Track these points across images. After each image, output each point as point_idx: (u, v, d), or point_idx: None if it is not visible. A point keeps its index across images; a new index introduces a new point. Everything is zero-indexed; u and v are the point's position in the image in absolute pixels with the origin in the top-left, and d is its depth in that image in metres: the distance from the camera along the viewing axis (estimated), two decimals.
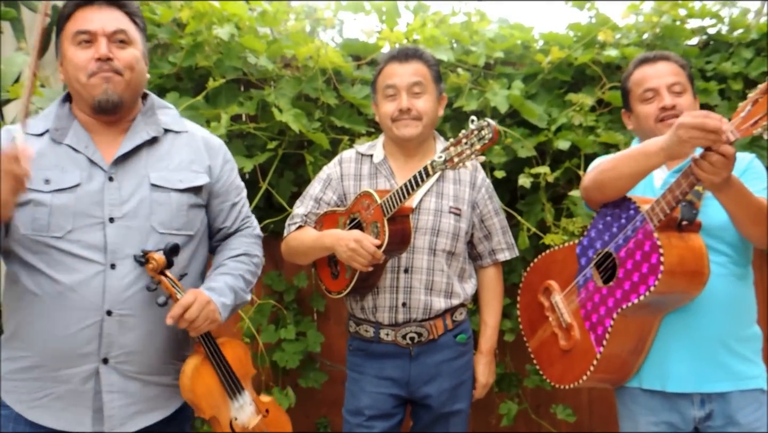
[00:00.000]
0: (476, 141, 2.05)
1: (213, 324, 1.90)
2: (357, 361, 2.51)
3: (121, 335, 1.84)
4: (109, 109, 1.88)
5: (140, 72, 1.94)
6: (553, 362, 2.31)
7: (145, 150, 1.95)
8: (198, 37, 3.09)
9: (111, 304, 1.83)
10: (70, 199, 1.84)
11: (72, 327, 1.82)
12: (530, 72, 3.27)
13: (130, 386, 1.88)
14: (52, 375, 1.84)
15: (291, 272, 3.36)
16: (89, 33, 1.86)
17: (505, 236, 2.55)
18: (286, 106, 3.06)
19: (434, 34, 3.23)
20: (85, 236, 1.83)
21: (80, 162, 1.88)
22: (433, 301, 2.42)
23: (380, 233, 2.24)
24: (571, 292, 2.27)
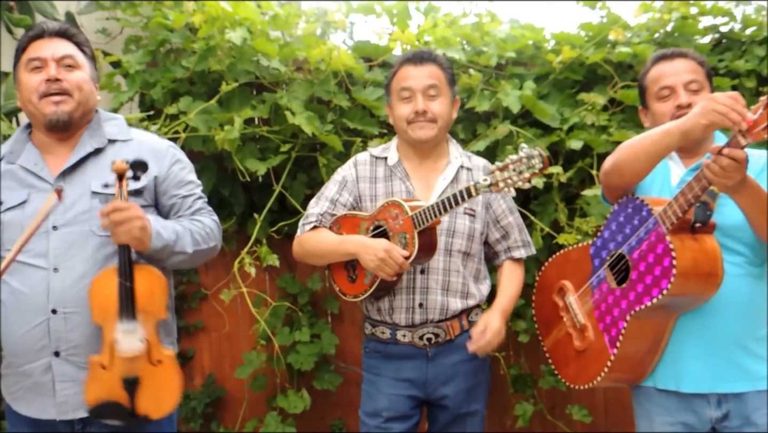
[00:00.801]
0: (525, 169, 2.10)
1: (134, 241, 1.97)
2: (373, 363, 2.51)
3: (67, 330, 2.03)
4: (60, 127, 2.08)
5: (89, 92, 2.13)
6: (568, 362, 2.31)
7: (90, 161, 2.12)
8: (210, 42, 3.10)
9: (55, 303, 2.02)
10: (17, 214, 2.05)
11: (25, 326, 2.03)
12: (542, 72, 3.27)
13: (82, 375, 2.03)
14: (19, 370, 2.06)
15: (305, 274, 3.38)
16: (40, 59, 2.08)
17: (521, 234, 2.55)
18: (299, 109, 3.07)
19: (445, 35, 3.23)
20: (32, 245, 1.99)
21: (27, 180, 2.09)
22: (450, 301, 2.43)
23: (409, 245, 2.27)
24: (585, 292, 2.27)
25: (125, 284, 1.99)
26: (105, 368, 2.00)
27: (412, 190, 2.46)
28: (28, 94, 2.09)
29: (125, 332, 1.99)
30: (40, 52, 2.10)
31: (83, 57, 2.17)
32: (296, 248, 2.53)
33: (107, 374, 2.00)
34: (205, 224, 2.20)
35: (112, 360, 1.99)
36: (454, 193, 2.21)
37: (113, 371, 2.00)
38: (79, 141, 2.15)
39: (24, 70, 2.11)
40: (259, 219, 3.12)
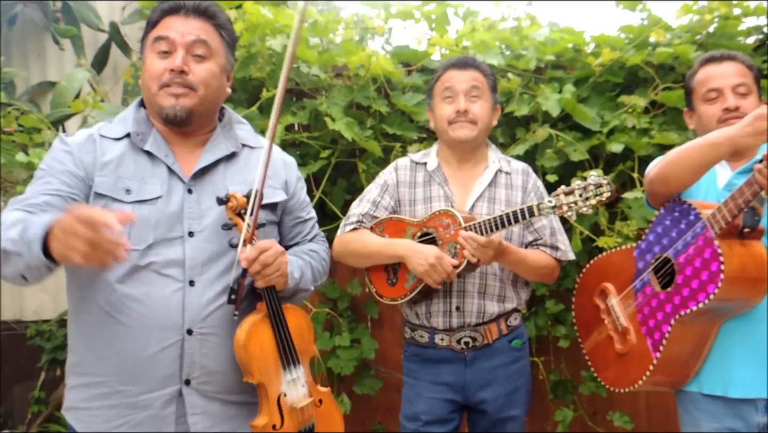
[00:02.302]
0: (592, 196, 2.12)
1: (282, 279, 1.79)
2: (413, 366, 2.52)
3: (202, 354, 1.75)
4: (177, 122, 1.81)
5: (217, 88, 1.85)
6: (608, 365, 2.30)
7: (222, 164, 1.87)
8: (251, 49, 3.15)
9: (191, 322, 1.73)
10: (151, 211, 1.74)
11: (152, 348, 1.71)
12: (582, 75, 3.25)
13: (212, 406, 1.78)
14: (131, 401, 1.73)
15: (344, 279, 3.39)
16: (167, 40, 1.79)
17: (552, 237, 2.50)
18: (339, 115, 3.10)
19: (484, 39, 3.23)
20: (165, 250, 1.73)
21: (160, 172, 1.80)
22: (487, 305, 2.43)
23: (459, 255, 2.28)
24: (628, 295, 2.25)
25: (283, 330, 1.79)
26: (277, 428, 1.77)
27: (451, 195, 2.47)
28: (148, 80, 1.81)
29: (291, 381, 1.82)
30: (170, 31, 1.79)
31: (220, 42, 1.86)
32: (337, 247, 2.53)
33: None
34: (321, 256, 2.06)
35: (282, 417, 1.78)
36: (515, 211, 2.22)
37: (288, 428, 1.78)
38: (212, 139, 1.88)
39: (150, 50, 1.83)
40: None
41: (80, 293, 1.76)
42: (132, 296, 1.71)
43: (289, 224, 2.01)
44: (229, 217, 1.75)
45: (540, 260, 2.44)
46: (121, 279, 1.71)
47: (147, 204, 1.75)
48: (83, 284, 1.75)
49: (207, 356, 1.75)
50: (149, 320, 1.71)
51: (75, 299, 1.80)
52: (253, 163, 1.90)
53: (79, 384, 1.78)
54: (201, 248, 1.77)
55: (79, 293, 1.77)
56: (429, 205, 2.47)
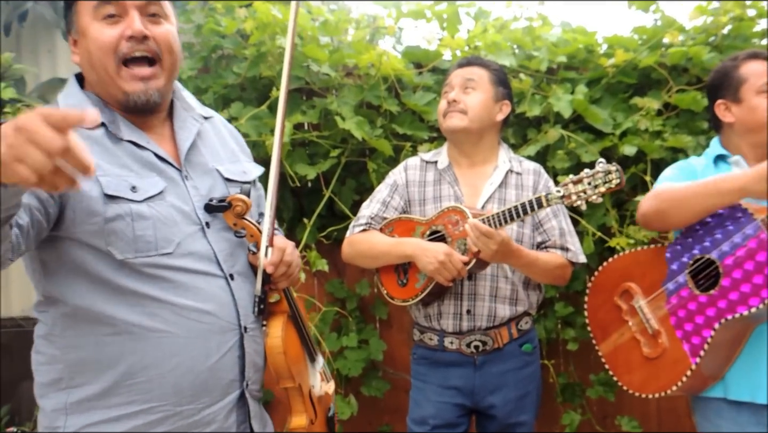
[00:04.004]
0: (601, 184, 2.08)
1: (299, 273, 1.72)
2: (421, 369, 2.49)
3: (255, 353, 1.60)
4: (147, 110, 1.55)
5: (178, 54, 1.58)
6: (633, 368, 2.22)
7: (198, 140, 1.66)
8: (261, 48, 3.12)
9: (244, 319, 1.58)
10: (163, 206, 1.51)
11: (213, 355, 1.52)
12: (594, 76, 3.20)
13: (256, 407, 1.66)
14: (190, 421, 1.51)
15: (353, 279, 3.36)
16: (116, 5, 1.48)
17: (561, 238, 2.45)
18: (349, 114, 3.07)
19: (496, 40, 3.19)
20: (193, 245, 1.53)
21: (149, 162, 1.54)
22: (498, 308, 2.39)
23: (469, 252, 2.25)
24: (659, 297, 2.17)
25: (304, 326, 1.74)
26: (314, 422, 1.73)
27: (460, 195, 2.44)
28: (101, 56, 1.47)
29: (315, 372, 1.80)
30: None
31: (168, 3, 1.57)
32: (347, 249, 2.51)
33: (317, 427, 1.74)
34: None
35: (315, 410, 1.75)
36: (523, 202, 2.18)
37: (319, 419, 1.76)
38: (177, 116, 1.64)
39: (90, 17, 1.48)
40: (309, 224, 3.12)
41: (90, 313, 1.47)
42: (181, 304, 1.50)
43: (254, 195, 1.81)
44: (234, 222, 1.61)
45: (551, 261, 2.39)
46: (159, 288, 1.48)
47: (157, 200, 1.51)
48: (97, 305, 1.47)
49: (257, 354, 1.62)
50: (207, 325, 1.51)
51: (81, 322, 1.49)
52: (217, 135, 1.72)
53: (106, 419, 1.48)
54: (221, 237, 1.59)
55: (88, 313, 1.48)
56: (439, 204, 2.44)
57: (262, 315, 1.63)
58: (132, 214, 1.46)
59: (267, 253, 1.62)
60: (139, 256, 1.46)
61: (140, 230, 1.46)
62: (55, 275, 1.48)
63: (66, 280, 1.48)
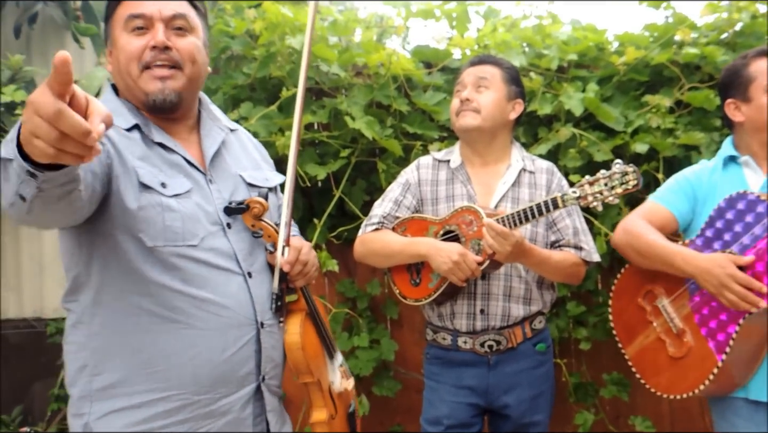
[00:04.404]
0: (618, 185, 2.06)
1: (316, 273, 1.79)
2: (435, 369, 2.47)
3: (272, 348, 1.67)
4: (166, 109, 1.63)
5: (202, 64, 1.68)
6: (660, 370, 2.19)
7: (223, 148, 1.76)
8: (271, 48, 3.11)
9: (261, 314, 1.65)
10: (189, 204, 1.60)
11: (230, 348, 1.59)
12: (605, 74, 3.18)
13: (274, 402, 1.72)
14: (207, 410, 1.58)
15: (364, 279, 3.34)
16: (144, 17, 1.60)
17: (575, 237, 2.43)
18: (359, 114, 3.05)
19: (505, 38, 3.17)
20: (215, 243, 1.61)
21: (178, 164, 1.64)
22: (512, 308, 2.37)
23: (483, 252, 2.23)
24: (682, 296, 2.15)
25: (322, 323, 1.79)
26: (334, 417, 1.77)
27: (473, 194, 2.42)
28: (126, 62, 1.60)
29: (334, 368, 1.83)
30: (144, 7, 1.60)
31: (196, 16, 1.68)
32: (359, 248, 2.50)
33: (337, 423, 1.78)
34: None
35: (335, 405, 1.79)
36: (538, 203, 2.16)
37: (340, 414, 1.80)
38: (203, 124, 1.75)
39: (121, 29, 1.62)
40: (319, 224, 3.10)
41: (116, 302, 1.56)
42: (201, 297, 1.57)
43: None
44: (252, 224, 1.68)
45: (565, 260, 2.37)
46: (181, 279, 1.56)
47: (183, 198, 1.60)
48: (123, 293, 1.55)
49: (275, 349, 1.69)
50: (225, 319, 1.59)
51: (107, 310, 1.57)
52: (240, 146, 1.84)
53: (128, 406, 1.55)
54: (241, 238, 1.67)
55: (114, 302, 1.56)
56: (452, 203, 2.43)
57: (279, 312, 1.70)
58: (162, 206, 1.55)
59: (284, 252, 1.69)
60: (167, 245, 1.55)
61: (169, 220, 1.56)
62: (89, 258, 1.56)
63: (97, 264, 1.56)
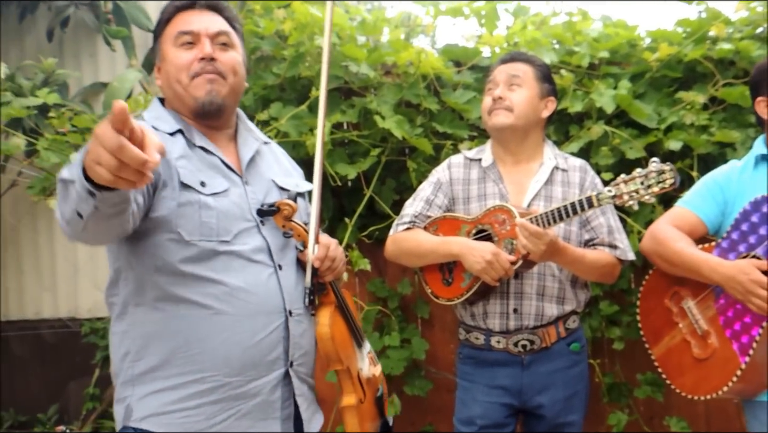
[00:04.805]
0: (654, 183, 2.03)
1: (344, 268, 1.90)
2: (468, 369, 2.45)
3: (300, 336, 1.78)
4: (212, 112, 1.78)
5: (242, 77, 1.86)
6: (685, 371, 2.17)
7: (257, 157, 1.89)
8: (300, 48, 3.12)
9: (290, 304, 1.75)
10: (226, 203, 1.72)
11: (259, 333, 1.69)
12: (637, 71, 3.14)
13: (304, 389, 1.81)
14: (238, 392, 1.68)
15: (394, 278, 3.34)
16: (192, 34, 1.78)
17: (610, 236, 2.40)
18: (388, 113, 3.05)
19: (535, 36, 3.15)
20: (249, 239, 1.73)
21: (217, 166, 1.77)
22: (545, 307, 2.35)
23: (516, 251, 2.22)
24: (707, 297, 2.13)
25: (350, 314, 1.90)
26: (363, 402, 1.87)
27: (506, 193, 2.40)
28: (176, 73, 1.77)
29: (363, 356, 1.94)
30: (192, 25, 1.78)
31: (236, 36, 1.86)
32: (390, 247, 2.49)
33: (366, 406, 1.88)
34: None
35: (363, 390, 1.89)
36: (572, 202, 2.13)
37: (368, 399, 1.90)
38: (240, 134, 1.90)
39: (171, 45, 1.79)
40: (350, 224, 3.09)
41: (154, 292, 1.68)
42: (233, 285, 1.68)
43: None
44: (282, 224, 1.79)
45: (599, 259, 2.34)
46: (213, 270, 1.67)
47: (221, 196, 1.73)
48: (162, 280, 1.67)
49: (303, 337, 1.79)
50: (255, 306, 1.69)
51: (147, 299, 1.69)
52: (273, 156, 1.97)
53: (166, 387, 1.67)
54: (274, 234, 1.79)
55: (153, 292, 1.68)
56: (483, 202, 2.40)
57: (312, 305, 1.81)
58: (200, 203, 1.68)
59: (314, 249, 1.80)
60: (203, 239, 1.67)
61: (206, 217, 1.68)
62: (129, 252, 1.68)
63: (137, 257, 1.67)
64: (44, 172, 3.27)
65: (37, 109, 3.23)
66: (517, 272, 2.30)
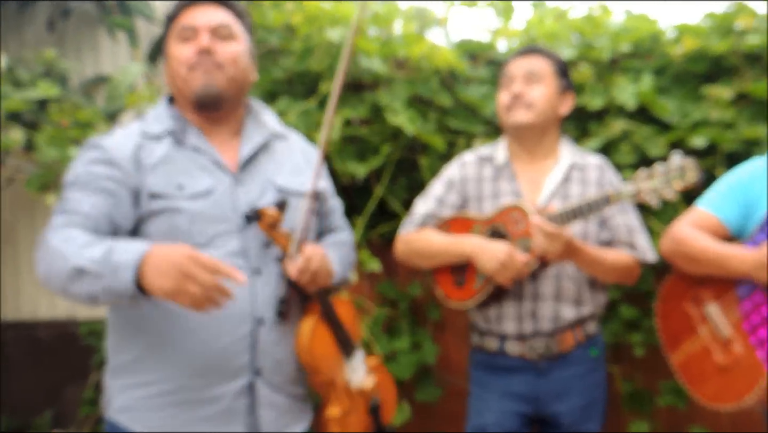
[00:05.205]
0: (676, 179, 2.03)
1: (329, 279, 1.88)
2: (481, 376, 2.44)
3: (273, 343, 1.80)
4: (209, 103, 1.84)
5: (245, 68, 1.90)
6: (706, 379, 2.16)
7: (261, 154, 1.93)
8: (309, 41, 3.12)
9: (262, 311, 1.79)
10: (206, 205, 1.78)
11: (224, 338, 1.74)
12: (660, 65, 3.12)
13: (276, 398, 1.84)
14: (200, 396, 1.75)
15: (405, 280, 3.33)
16: (193, 28, 1.85)
17: (630, 235, 2.38)
18: (400, 109, 3.04)
19: (554, 29, 3.14)
20: (226, 242, 1.78)
21: (206, 165, 1.83)
22: (562, 309, 2.34)
23: (531, 251, 2.21)
24: (731, 302, 2.12)
25: (338, 325, 1.90)
26: (349, 413, 1.90)
27: (520, 192, 2.40)
28: (176, 67, 1.85)
29: (354, 367, 1.94)
30: (194, 20, 1.85)
31: (241, 28, 1.92)
32: (400, 247, 2.49)
33: (354, 416, 1.91)
34: (350, 246, 2.12)
35: (352, 400, 1.92)
36: (590, 199, 2.13)
37: (358, 409, 1.93)
38: (244, 129, 1.94)
39: (174, 41, 1.87)
40: (360, 223, 3.10)
41: None
42: None
43: (322, 212, 2.06)
44: (265, 232, 1.80)
45: (618, 259, 2.33)
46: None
47: (201, 198, 1.79)
48: None
49: (277, 345, 1.82)
50: (220, 311, 1.67)
51: None
52: (288, 152, 1.99)
53: (137, 383, 1.78)
54: (257, 236, 1.82)
55: None
56: (497, 201, 2.40)
57: (282, 317, 1.82)
58: (171, 209, 1.76)
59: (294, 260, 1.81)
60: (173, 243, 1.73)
61: (177, 222, 1.76)
62: None
63: None
64: (43, 167, 3.27)
65: (36, 102, 3.24)
66: (533, 273, 2.30)
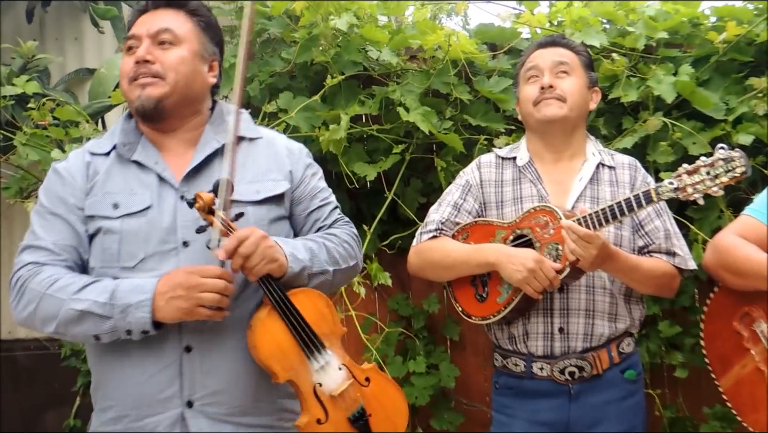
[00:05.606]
0: (722, 173, 2.00)
1: (273, 264, 1.81)
2: (505, 401, 2.39)
3: (203, 373, 1.83)
4: (149, 115, 1.90)
5: (189, 73, 1.93)
6: (758, 406, 2.10)
7: (217, 162, 1.92)
8: (313, 30, 3.09)
9: (189, 339, 1.82)
10: (140, 223, 1.84)
11: (150, 369, 1.82)
12: (701, 54, 3.09)
13: (222, 429, 1.84)
14: (137, 425, 1.83)
15: (420, 294, 3.30)
16: (135, 37, 1.93)
17: (668, 241, 2.35)
18: (413, 104, 3.02)
19: (583, 14, 3.10)
20: (159, 264, 1.82)
21: (149, 182, 1.89)
22: (595, 325, 2.29)
23: (562, 258, 2.17)
24: None
25: (293, 317, 1.84)
26: (322, 421, 1.85)
27: (545, 194, 2.36)
28: (122, 80, 1.93)
29: (321, 368, 1.87)
30: (136, 28, 1.93)
31: (192, 28, 1.96)
32: (414, 259, 2.46)
33: (329, 426, 1.85)
34: (342, 238, 2.05)
35: (325, 409, 1.86)
36: (628, 198, 2.09)
37: (335, 418, 1.86)
38: (202, 138, 1.96)
39: (124, 53, 1.95)
40: (369, 232, 3.06)
41: None
42: None
43: (302, 214, 2.05)
44: (203, 218, 1.79)
45: (656, 268, 2.28)
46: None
47: (136, 217, 1.85)
48: None
49: (209, 374, 1.83)
50: (146, 340, 1.79)
51: None
52: (252, 157, 2.00)
53: (98, 408, 1.92)
54: (197, 258, 1.83)
55: None
56: (519, 206, 2.37)
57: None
58: (104, 229, 1.85)
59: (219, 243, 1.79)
60: (104, 266, 1.85)
61: (107, 243, 1.84)
62: None
63: None
64: (21, 171, 3.25)
65: (14, 99, 3.22)
66: (563, 284, 2.25)
